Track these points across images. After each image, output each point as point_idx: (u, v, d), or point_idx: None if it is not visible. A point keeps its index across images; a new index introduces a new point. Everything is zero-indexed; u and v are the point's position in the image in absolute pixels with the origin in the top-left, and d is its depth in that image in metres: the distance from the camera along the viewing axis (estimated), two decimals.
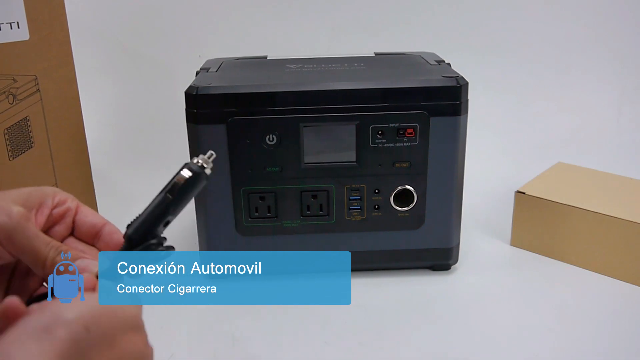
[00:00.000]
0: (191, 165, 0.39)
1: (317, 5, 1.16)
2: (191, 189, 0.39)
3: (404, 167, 0.68)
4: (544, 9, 1.15)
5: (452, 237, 0.72)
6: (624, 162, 1.05)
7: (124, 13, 1.20)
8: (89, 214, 0.41)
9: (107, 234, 0.41)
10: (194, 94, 0.65)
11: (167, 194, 0.39)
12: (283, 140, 0.67)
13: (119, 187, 1.04)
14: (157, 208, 0.39)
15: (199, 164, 0.39)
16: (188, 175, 0.39)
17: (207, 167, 0.39)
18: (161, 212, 0.39)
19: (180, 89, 0.68)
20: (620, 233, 0.70)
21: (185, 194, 0.39)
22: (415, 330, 0.63)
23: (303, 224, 0.70)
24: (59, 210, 0.40)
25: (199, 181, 0.39)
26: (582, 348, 0.60)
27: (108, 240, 0.41)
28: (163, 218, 0.39)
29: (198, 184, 0.39)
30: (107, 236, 0.41)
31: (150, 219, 0.39)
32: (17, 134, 0.72)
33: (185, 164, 0.39)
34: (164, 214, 0.39)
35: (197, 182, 0.39)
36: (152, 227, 0.39)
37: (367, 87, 0.66)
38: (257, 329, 0.64)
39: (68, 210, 0.41)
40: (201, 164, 0.39)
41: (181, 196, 0.39)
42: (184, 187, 0.39)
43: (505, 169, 1.05)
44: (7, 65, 0.69)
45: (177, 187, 0.39)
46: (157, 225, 0.39)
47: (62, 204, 0.40)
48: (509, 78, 1.16)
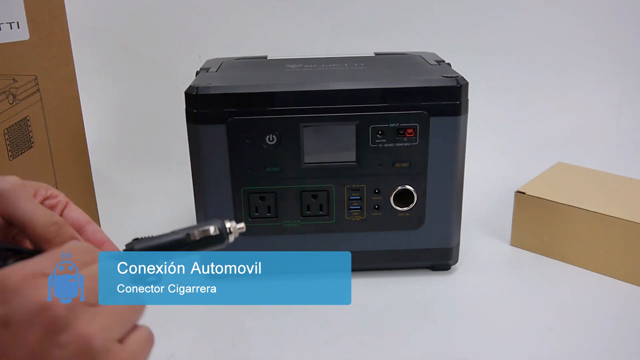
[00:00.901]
0: (221, 226, 0.41)
1: (317, 5, 1.16)
2: (208, 245, 0.41)
3: (404, 167, 0.68)
4: (544, 9, 1.15)
5: (452, 237, 0.72)
6: (624, 162, 1.05)
7: (124, 13, 1.20)
8: (76, 211, 0.42)
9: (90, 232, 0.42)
10: (194, 94, 0.65)
11: (186, 235, 0.40)
12: (283, 140, 0.67)
13: (119, 187, 1.04)
14: (172, 243, 0.40)
15: (229, 228, 0.41)
16: (213, 233, 0.40)
17: (232, 234, 0.41)
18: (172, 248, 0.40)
19: (180, 89, 0.68)
20: (620, 233, 0.70)
21: (200, 246, 0.40)
22: (415, 330, 0.63)
23: (303, 224, 0.70)
24: (50, 202, 0.41)
25: (218, 243, 0.41)
26: (582, 348, 0.60)
27: (90, 238, 0.41)
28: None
29: (216, 245, 0.41)
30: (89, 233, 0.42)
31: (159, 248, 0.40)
32: (17, 134, 0.72)
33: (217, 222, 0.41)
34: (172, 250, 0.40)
35: (217, 242, 0.41)
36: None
37: (367, 87, 0.66)
38: (257, 329, 0.64)
39: (58, 203, 0.42)
40: (229, 229, 0.41)
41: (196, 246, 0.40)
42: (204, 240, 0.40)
43: (505, 169, 1.05)
44: (7, 65, 0.69)
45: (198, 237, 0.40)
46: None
47: (53, 197, 0.42)
48: (509, 78, 1.16)
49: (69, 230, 0.39)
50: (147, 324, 0.36)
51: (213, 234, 0.40)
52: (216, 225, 0.40)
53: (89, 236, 0.42)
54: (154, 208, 0.94)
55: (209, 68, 0.77)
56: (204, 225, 0.40)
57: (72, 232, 0.39)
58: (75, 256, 0.34)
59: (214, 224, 0.40)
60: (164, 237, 0.40)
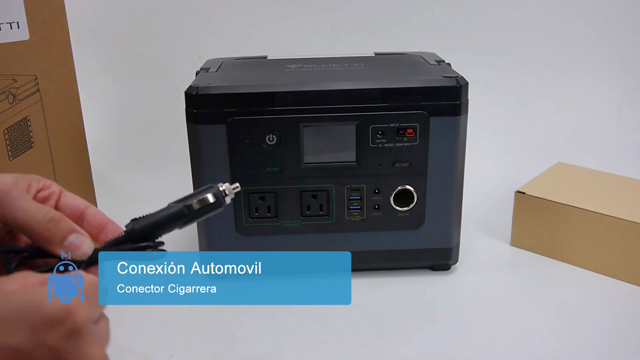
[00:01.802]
0: (216, 191, 0.40)
1: (317, 5, 1.16)
2: (208, 212, 0.41)
3: (404, 167, 0.68)
4: (544, 9, 1.15)
5: (452, 237, 0.72)
6: (624, 162, 1.05)
7: (124, 13, 1.20)
8: (73, 197, 0.42)
9: (91, 215, 0.42)
10: (194, 94, 0.65)
11: (185, 208, 0.40)
12: (283, 140, 0.67)
13: (119, 187, 1.04)
14: (170, 217, 0.40)
15: (224, 190, 0.41)
16: (211, 201, 0.40)
17: (227, 196, 0.41)
18: (172, 222, 0.40)
19: (180, 89, 0.68)
20: (620, 233, 0.70)
21: (200, 215, 0.40)
22: (415, 330, 0.63)
23: (303, 224, 0.70)
24: (44, 193, 0.41)
25: (217, 208, 0.41)
26: (582, 348, 0.60)
27: (92, 221, 0.41)
28: (170, 227, 0.40)
29: (215, 210, 0.41)
30: (90, 217, 0.42)
31: (159, 224, 0.40)
32: (17, 134, 0.72)
33: (211, 187, 0.41)
34: (174, 224, 0.40)
35: (215, 208, 0.41)
36: (157, 231, 0.40)
37: (367, 87, 0.66)
38: (257, 329, 0.64)
39: (52, 193, 0.42)
40: (224, 191, 0.41)
41: (197, 216, 0.40)
42: (203, 209, 0.40)
43: (505, 169, 1.05)
44: (7, 65, 0.69)
45: (197, 207, 0.40)
46: (162, 231, 0.40)
47: (46, 188, 0.42)
48: (509, 78, 1.16)
49: (67, 223, 0.38)
50: (147, 323, 0.36)
51: (211, 202, 0.40)
52: (212, 192, 0.40)
53: (90, 220, 0.41)
54: (154, 208, 0.94)
55: (209, 68, 0.77)
56: (200, 194, 0.40)
57: (70, 225, 0.38)
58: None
59: (210, 191, 0.40)
60: (162, 212, 0.40)
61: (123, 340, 0.62)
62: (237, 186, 0.41)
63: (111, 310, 0.37)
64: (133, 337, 0.62)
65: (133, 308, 0.66)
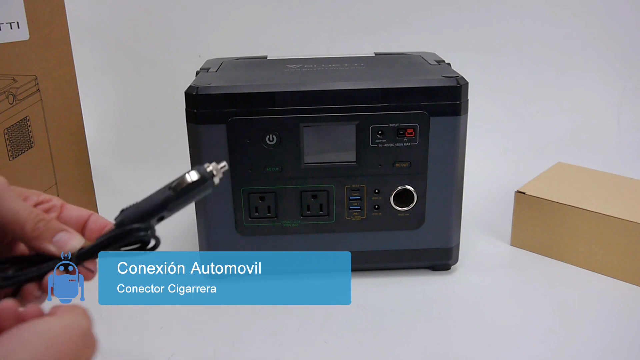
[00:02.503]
0: (201, 169, 0.39)
1: (317, 5, 1.16)
2: (194, 192, 0.39)
3: (404, 167, 0.68)
4: (544, 9, 1.15)
5: (452, 237, 0.72)
6: (624, 162, 1.05)
7: (124, 13, 1.20)
8: (74, 209, 0.42)
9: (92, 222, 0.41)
10: (194, 94, 0.65)
11: (170, 189, 0.38)
12: (283, 140, 0.67)
13: (119, 187, 1.04)
14: (155, 200, 0.38)
15: (209, 170, 0.39)
16: (195, 178, 0.39)
17: (215, 176, 0.39)
18: (158, 205, 0.38)
19: (180, 89, 0.68)
20: (620, 233, 0.70)
21: (187, 195, 0.39)
22: (415, 330, 0.63)
23: (303, 224, 0.70)
24: (44, 206, 0.41)
25: (203, 187, 0.39)
26: (582, 348, 0.60)
27: (93, 226, 0.41)
28: (159, 211, 0.38)
29: (202, 190, 0.39)
30: (92, 223, 0.41)
31: (145, 209, 0.38)
32: (17, 134, 0.72)
33: (196, 167, 0.39)
34: (161, 208, 0.38)
35: (201, 187, 0.39)
36: (145, 218, 0.38)
37: (367, 87, 0.66)
38: (257, 329, 0.64)
39: (53, 206, 0.41)
40: (211, 170, 0.39)
41: (182, 196, 0.38)
42: (188, 188, 0.38)
43: (505, 169, 1.05)
44: (7, 65, 0.69)
45: (181, 186, 0.38)
46: (150, 217, 0.38)
47: (46, 202, 0.41)
48: (509, 78, 1.16)
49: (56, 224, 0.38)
50: (148, 324, 0.36)
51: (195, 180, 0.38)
52: (195, 170, 0.39)
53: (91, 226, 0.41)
54: None
55: (209, 68, 0.77)
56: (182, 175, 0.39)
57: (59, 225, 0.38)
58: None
59: (193, 170, 0.39)
60: (151, 199, 0.39)
61: (123, 340, 0.62)
62: (224, 165, 0.40)
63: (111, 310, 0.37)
64: (133, 337, 0.62)
65: (133, 308, 0.67)
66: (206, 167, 0.39)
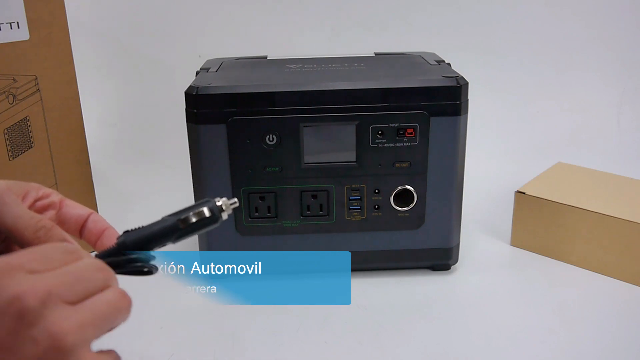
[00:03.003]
0: (213, 206, 0.38)
1: (317, 5, 1.16)
2: (202, 227, 0.39)
3: (404, 167, 0.68)
4: (544, 9, 1.15)
5: (452, 237, 0.72)
6: (624, 162, 1.05)
7: (124, 13, 1.20)
8: (74, 206, 0.41)
9: (92, 222, 0.41)
10: (194, 94, 0.65)
11: (180, 222, 0.38)
12: (283, 140, 0.67)
13: (119, 187, 1.04)
14: (163, 231, 0.38)
15: (219, 204, 0.39)
16: (207, 215, 0.38)
17: (225, 212, 0.39)
18: (165, 236, 0.38)
19: (180, 89, 0.68)
20: (620, 233, 0.70)
21: (195, 230, 0.38)
22: (415, 330, 0.63)
23: (303, 224, 0.70)
24: (43, 202, 0.40)
25: (212, 223, 0.39)
26: (582, 348, 0.60)
27: (92, 228, 0.40)
28: (164, 241, 0.38)
29: (210, 225, 0.39)
30: (91, 224, 0.41)
31: (152, 237, 0.38)
32: (17, 134, 0.72)
33: (208, 202, 0.38)
34: (167, 238, 0.38)
35: (210, 223, 0.39)
36: (149, 245, 0.38)
37: (367, 87, 0.66)
38: (257, 329, 0.64)
39: (52, 203, 0.41)
40: (221, 205, 0.39)
41: (191, 230, 0.38)
42: (198, 223, 0.38)
43: (505, 169, 1.05)
44: (7, 65, 0.69)
45: (191, 221, 0.38)
46: (154, 245, 0.38)
47: (45, 197, 0.40)
48: (509, 78, 1.16)
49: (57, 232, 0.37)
50: (147, 324, 0.36)
51: (206, 217, 0.38)
52: (209, 206, 0.38)
53: (90, 227, 0.41)
54: (154, 208, 0.94)
55: (209, 68, 0.77)
56: (195, 208, 0.38)
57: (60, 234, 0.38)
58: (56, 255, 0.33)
59: (206, 205, 0.38)
60: (155, 225, 0.38)
61: (123, 340, 0.62)
62: (235, 201, 0.39)
63: None
64: (133, 337, 0.62)
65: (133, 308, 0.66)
66: (216, 201, 0.39)
